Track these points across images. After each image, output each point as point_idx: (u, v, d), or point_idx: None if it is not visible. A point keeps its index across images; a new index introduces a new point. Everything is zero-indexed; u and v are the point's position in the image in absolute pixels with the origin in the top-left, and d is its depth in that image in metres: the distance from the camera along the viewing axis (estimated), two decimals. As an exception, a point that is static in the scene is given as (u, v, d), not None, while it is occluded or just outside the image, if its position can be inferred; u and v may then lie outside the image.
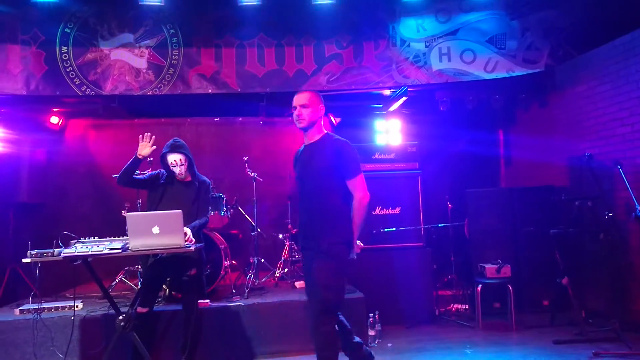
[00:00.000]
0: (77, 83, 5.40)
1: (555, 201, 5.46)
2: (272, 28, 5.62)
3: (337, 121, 7.12)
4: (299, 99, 3.29)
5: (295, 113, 3.28)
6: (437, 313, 5.61)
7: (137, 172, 4.13)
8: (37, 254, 3.41)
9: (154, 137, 3.99)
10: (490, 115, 6.68)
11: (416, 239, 5.61)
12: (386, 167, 5.77)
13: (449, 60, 5.70)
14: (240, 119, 7.11)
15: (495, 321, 5.36)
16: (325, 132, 3.36)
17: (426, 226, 5.63)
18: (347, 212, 3.23)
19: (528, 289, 5.64)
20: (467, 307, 5.79)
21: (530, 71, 5.69)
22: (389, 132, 6.62)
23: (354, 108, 6.73)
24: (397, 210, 5.67)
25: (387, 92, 6.16)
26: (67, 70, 5.38)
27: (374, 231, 5.52)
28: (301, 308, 4.63)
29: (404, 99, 6.10)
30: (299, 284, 5.40)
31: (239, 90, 5.60)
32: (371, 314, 4.76)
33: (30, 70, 5.33)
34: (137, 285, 5.44)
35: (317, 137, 3.34)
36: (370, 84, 5.69)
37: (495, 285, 5.30)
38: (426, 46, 5.70)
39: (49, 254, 3.42)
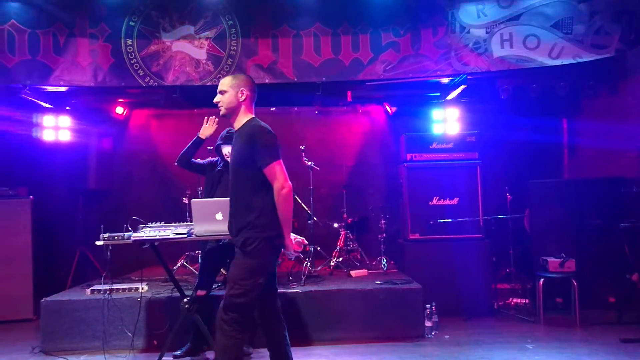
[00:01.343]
0: (140, 74, 5.57)
1: (625, 193, 5.18)
2: (328, 17, 5.59)
3: (393, 110, 7.04)
4: (219, 85, 3.07)
5: (215, 101, 3.07)
6: (495, 306, 5.48)
7: (198, 159, 4.28)
8: (108, 237, 3.59)
9: (217, 119, 4.17)
10: (554, 103, 6.40)
11: (475, 230, 5.51)
12: (444, 157, 5.68)
13: (511, 46, 5.50)
14: (295, 108, 7.17)
15: (557, 316, 5.19)
16: (250, 118, 3.07)
17: (485, 217, 5.49)
18: (270, 204, 2.92)
19: (593, 285, 5.40)
20: (527, 302, 5.62)
21: (599, 57, 5.39)
22: (446, 121, 6.48)
23: (410, 97, 6.63)
24: (455, 201, 5.58)
25: (445, 81, 6.02)
26: (132, 62, 5.56)
27: (431, 222, 5.45)
28: (357, 297, 4.65)
29: (462, 87, 5.94)
30: (355, 273, 5.42)
31: (296, 79, 5.63)
32: (428, 305, 4.71)
33: (97, 62, 5.54)
34: (197, 270, 5.62)
35: (239, 125, 3.07)
36: (427, 72, 5.58)
37: (558, 280, 5.11)
38: (487, 32, 5.51)
39: (120, 238, 3.59)
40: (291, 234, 3.11)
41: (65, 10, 5.43)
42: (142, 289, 4.70)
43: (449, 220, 5.43)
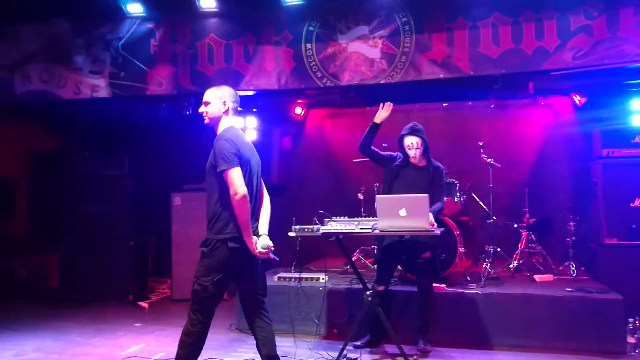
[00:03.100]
0: (318, 76, 5.84)
1: None
2: (508, 5, 5.26)
3: (582, 102, 6.38)
4: (204, 96, 3.31)
5: (201, 110, 3.29)
6: None
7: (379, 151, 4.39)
8: (299, 229, 3.86)
9: (392, 105, 4.26)
10: None
11: (690, 236, 4.75)
12: (649, 153, 5.00)
13: None
14: (469, 103, 6.91)
15: None
16: (227, 127, 3.27)
17: None
18: (228, 208, 3.08)
19: None
20: None
21: None
22: (650, 111, 5.68)
23: (603, 86, 5.89)
24: (665, 202, 4.88)
25: (649, 65, 5.27)
26: (311, 65, 5.85)
27: (634, 225, 4.83)
28: (544, 303, 4.34)
29: (674, 72, 5.16)
30: (539, 277, 5.05)
31: (472, 73, 5.39)
32: (631, 319, 4.19)
33: (281, 67, 5.93)
34: (371, 264, 5.77)
35: (217, 135, 3.27)
36: (628, 57, 4.91)
37: None
38: None
39: (309, 230, 3.84)
40: (264, 237, 3.18)
41: (254, 21, 5.93)
42: (323, 279, 4.96)
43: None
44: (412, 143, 4.21)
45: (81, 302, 6.05)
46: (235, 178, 3.06)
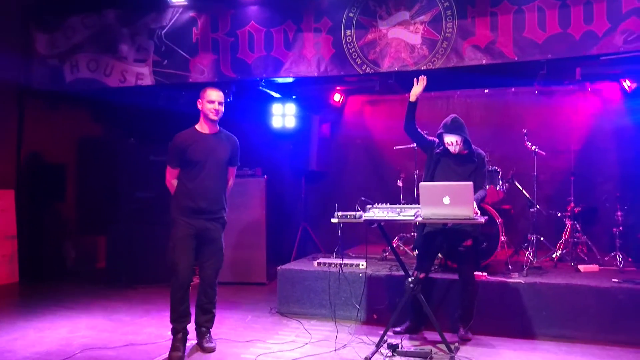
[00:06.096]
0: (358, 63, 5.82)
1: None
2: (556, -12, 5.13)
3: (632, 87, 6.15)
4: (220, 96, 3.93)
5: (217, 108, 3.89)
6: None
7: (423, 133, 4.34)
8: (342, 215, 3.89)
9: (425, 77, 4.19)
10: None
11: None
12: None
13: None
14: (512, 89, 6.75)
15: None
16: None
17: None
18: None
19: None
20: None
21: None
22: None
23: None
24: None
25: None
26: (351, 51, 5.84)
27: None
28: (590, 294, 4.25)
29: None
30: (584, 267, 4.95)
31: (516, 59, 5.28)
32: (681, 312, 4.07)
33: (320, 54, 5.92)
34: (411, 251, 5.78)
35: (217, 130, 4.03)
36: (683, 40, 4.73)
37: None
38: None
39: (352, 217, 3.87)
40: None
41: (294, 8, 5.93)
42: (363, 265, 5.00)
43: None
44: (451, 142, 4.13)
45: (128, 284, 6.27)
46: None
